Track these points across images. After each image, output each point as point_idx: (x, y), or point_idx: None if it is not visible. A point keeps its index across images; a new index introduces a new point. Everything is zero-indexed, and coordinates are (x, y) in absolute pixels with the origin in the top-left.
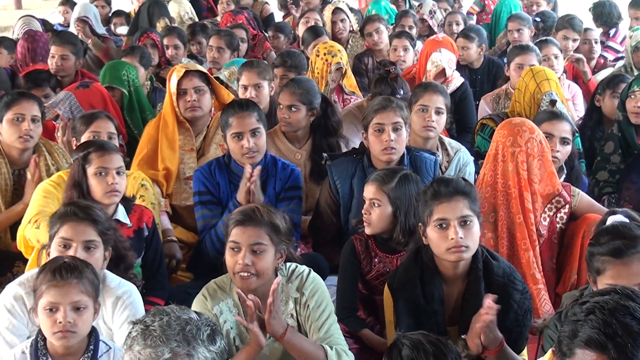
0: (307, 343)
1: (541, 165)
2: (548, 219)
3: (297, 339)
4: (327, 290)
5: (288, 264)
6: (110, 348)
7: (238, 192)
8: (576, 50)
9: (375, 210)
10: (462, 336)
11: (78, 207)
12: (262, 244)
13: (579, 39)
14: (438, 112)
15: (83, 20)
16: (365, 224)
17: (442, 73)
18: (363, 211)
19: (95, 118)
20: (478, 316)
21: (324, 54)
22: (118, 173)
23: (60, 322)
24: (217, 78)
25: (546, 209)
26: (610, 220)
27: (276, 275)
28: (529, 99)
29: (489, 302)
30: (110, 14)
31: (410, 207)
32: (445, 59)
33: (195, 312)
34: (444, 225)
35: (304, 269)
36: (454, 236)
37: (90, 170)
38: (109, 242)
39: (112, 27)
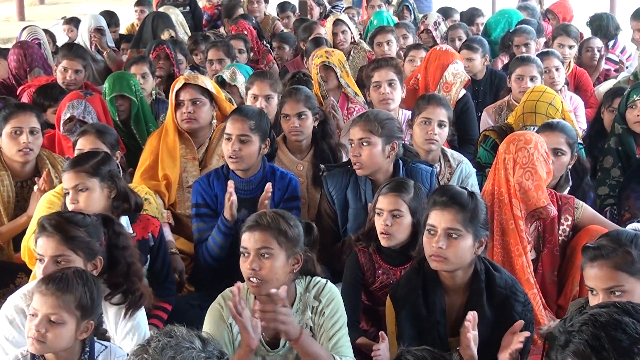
0: (320, 350)
1: (529, 177)
2: (530, 225)
3: (311, 344)
4: (342, 301)
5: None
6: (106, 347)
7: (225, 208)
8: (579, 59)
9: (397, 221)
10: (457, 348)
11: (50, 221)
12: (269, 249)
13: (575, 46)
14: (440, 125)
15: (100, 31)
16: (384, 236)
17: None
18: (382, 223)
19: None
20: (465, 331)
21: (313, 59)
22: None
23: (32, 329)
24: (220, 77)
25: (528, 216)
26: (630, 227)
27: (294, 283)
28: (516, 121)
29: (469, 317)
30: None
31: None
32: (461, 69)
33: (203, 340)
34: (432, 232)
35: (321, 279)
36: (435, 245)
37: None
38: (91, 253)
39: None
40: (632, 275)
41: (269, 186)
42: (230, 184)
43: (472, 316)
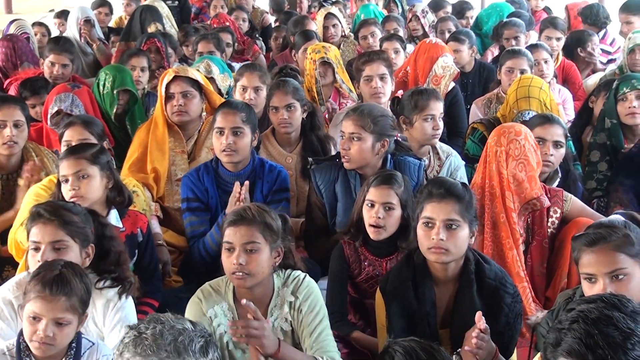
0: (300, 356)
1: (522, 169)
2: (523, 218)
3: (291, 353)
4: (320, 295)
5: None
6: (93, 344)
7: (228, 207)
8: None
9: (389, 214)
10: (457, 350)
11: (45, 208)
12: (256, 243)
13: (562, 37)
14: (440, 118)
15: (89, 22)
16: (375, 229)
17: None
18: (375, 215)
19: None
20: (470, 336)
21: (310, 53)
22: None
23: (39, 334)
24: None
25: (522, 209)
26: (612, 217)
27: (273, 277)
28: (509, 110)
29: (479, 318)
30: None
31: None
32: (450, 63)
33: (191, 321)
34: (430, 225)
35: (300, 273)
36: (435, 237)
37: None
38: (85, 240)
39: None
40: (632, 258)
41: (237, 187)
42: (244, 186)
43: (482, 322)
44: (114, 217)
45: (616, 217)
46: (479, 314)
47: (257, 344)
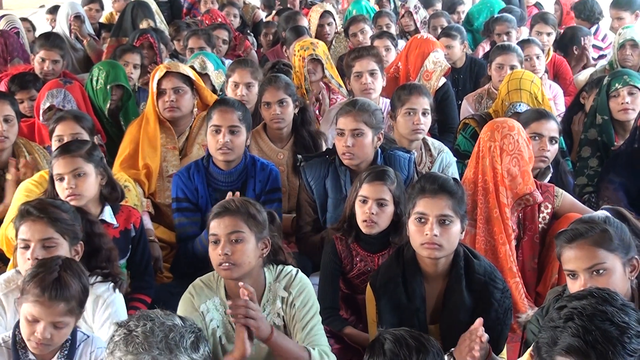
0: (292, 344)
1: (516, 164)
2: (515, 213)
3: (283, 340)
4: (313, 290)
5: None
6: (88, 337)
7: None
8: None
9: (382, 210)
10: (451, 350)
11: (34, 205)
12: (240, 232)
13: (553, 33)
14: (424, 114)
15: (79, 18)
16: (368, 224)
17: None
18: (368, 211)
19: None
20: (465, 339)
21: (298, 50)
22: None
23: (36, 335)
24: (192, 67)
25: (515, 204)
26: (598, 213)
27: (264, 272)
28: (501, 102)
29: (479, 324)
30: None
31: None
32: (441, 58)
33: (180, 317)
34: (423, 220)
35: (292, 268)
36: (429, 232)
37: None
38: (75, 238)
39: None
40: (612, 252)
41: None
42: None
43: (481, 331)
44: (108, 214)
45: (599, 213)
46: (479, 321)
47: (254, 325)
